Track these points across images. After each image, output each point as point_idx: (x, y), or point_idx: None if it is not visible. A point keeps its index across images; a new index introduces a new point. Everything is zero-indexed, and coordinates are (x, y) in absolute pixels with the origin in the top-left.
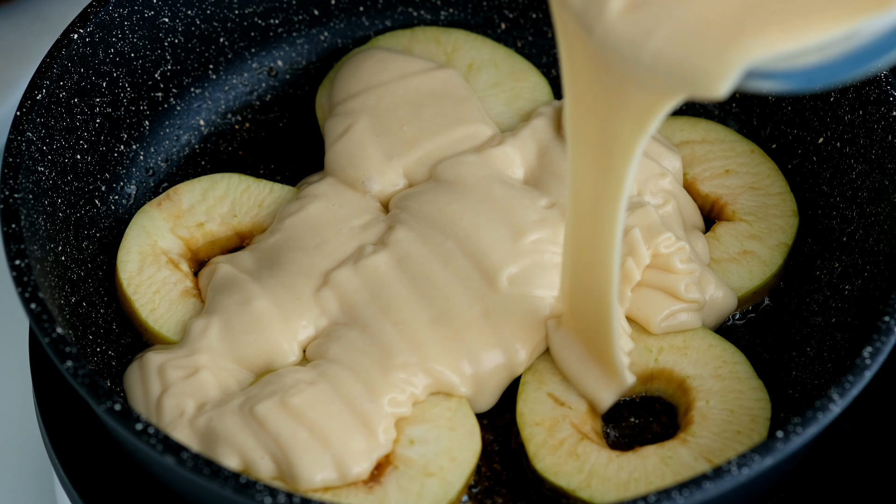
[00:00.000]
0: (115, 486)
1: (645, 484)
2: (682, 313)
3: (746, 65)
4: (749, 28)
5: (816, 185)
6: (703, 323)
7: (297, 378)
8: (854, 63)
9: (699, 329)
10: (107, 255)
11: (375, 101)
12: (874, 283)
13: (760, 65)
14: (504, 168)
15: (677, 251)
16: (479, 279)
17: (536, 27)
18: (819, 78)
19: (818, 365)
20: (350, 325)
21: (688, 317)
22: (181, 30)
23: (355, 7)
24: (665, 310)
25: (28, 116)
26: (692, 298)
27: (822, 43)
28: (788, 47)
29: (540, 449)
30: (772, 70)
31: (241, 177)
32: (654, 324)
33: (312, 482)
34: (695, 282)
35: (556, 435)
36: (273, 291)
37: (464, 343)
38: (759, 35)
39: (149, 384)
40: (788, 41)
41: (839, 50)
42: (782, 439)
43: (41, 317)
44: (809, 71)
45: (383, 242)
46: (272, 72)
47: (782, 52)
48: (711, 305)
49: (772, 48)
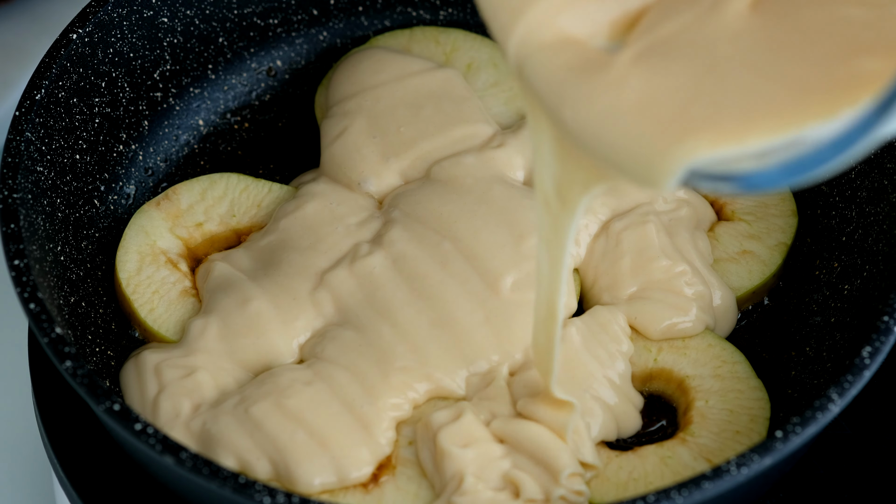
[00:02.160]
0: (114, 486)
1: (644, 484)
2: (684, 325)
3: (690, 165)
4: (693, 128)
5: (815, 185)
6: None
7: (293, 378)
8: (794, 171)
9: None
10: (106, 255)
11: (373, 102)
12: (873, 282)
13: (702, 166)
14: (505, 170)
15: (679, 275)
16: (479, 283)
17: None
18: (759, 183)
19: (817, 365)
20: (346, 326)
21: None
22: (180, 30)
23: (354, 7)
24: (666, 321)
25: (27, 116)
26: (698, 319)
27: (765, 148)
28: (731, 152)
29: None
30: (712, 172)
31: (239, 177)
32: (652, 332)
33: (311, 486)
34: (701, 307)
35: None
36: (271, 291)
37: (465, 348)
38: (703, 136)
39: (145, 383)
40: (732, 144)
41: (781, 157)
42: (781, 439)
43: (40, 317)
44: (749, 176)
45: (378, 242)
46: (271, 72)
47: (724, 156)
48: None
49: (715, 151)
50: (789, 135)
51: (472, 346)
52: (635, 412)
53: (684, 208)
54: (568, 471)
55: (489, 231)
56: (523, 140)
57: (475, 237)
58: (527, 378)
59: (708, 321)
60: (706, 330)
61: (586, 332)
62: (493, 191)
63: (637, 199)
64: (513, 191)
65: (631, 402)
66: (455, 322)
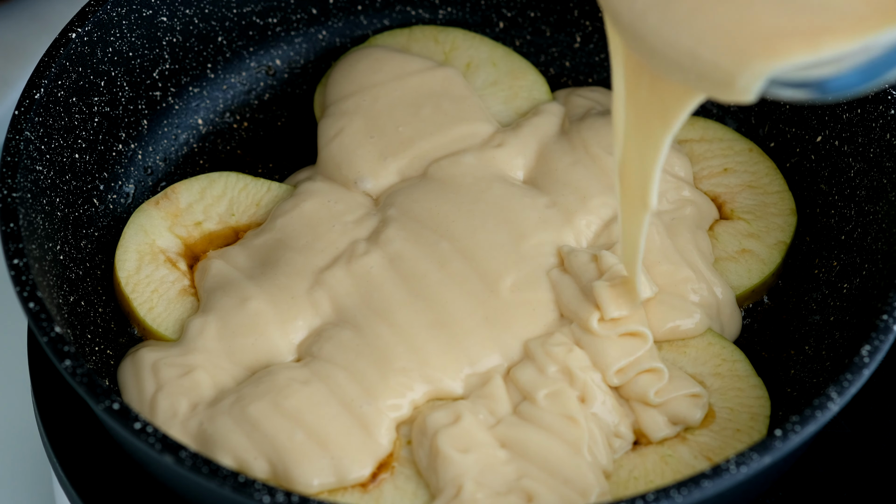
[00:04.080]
0: (113, 485)
1: (644, 482)
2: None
3: (771, 74)
4: (773, 35)
5: (815, 184)
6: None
7: (290, 377)
8: (869, 74)
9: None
10: (105, 254)
11: (371, 102)
12: (873, 281)
13: (781, 74)
14: (505, 169)
15: (683, 280)
16: (478, 283)
17: (534, 26)
18: (836, 87)
19: (817, 363)
20: (343, 326)
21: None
22: (179, 29)
23: (353, 6)
24: (670, 323)
25: (26, 115)
26: (702, 323)
27: (840, 54)
28: (808, 58)
29: None
30: (790, 79)
31: (238, 175)
32: (655, 333)
33: (309, 486)
34: (708, 314)
35: None
36: (269, 291)
37: (465, 350)
38: (782, 43)
39: (142, 382)
40: (811, 50)
41: (855, 62)
42: (781, 438)
43: (39, 316)
44: (826, 81)
45: (375, 241)
46: (270, 71)
47: (801, 63)
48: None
49: (793, 58)
50: (865, 40)
51: (473, 347)
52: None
53: (687, 207)
54: (597, 491)
55: (488, 231)
56: (523, 139)
57: (473, 237)
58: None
59: (713, 326)
60: (706, 328)
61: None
62: (493, 190)
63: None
64: (513, 189)
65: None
66: (454, 323)
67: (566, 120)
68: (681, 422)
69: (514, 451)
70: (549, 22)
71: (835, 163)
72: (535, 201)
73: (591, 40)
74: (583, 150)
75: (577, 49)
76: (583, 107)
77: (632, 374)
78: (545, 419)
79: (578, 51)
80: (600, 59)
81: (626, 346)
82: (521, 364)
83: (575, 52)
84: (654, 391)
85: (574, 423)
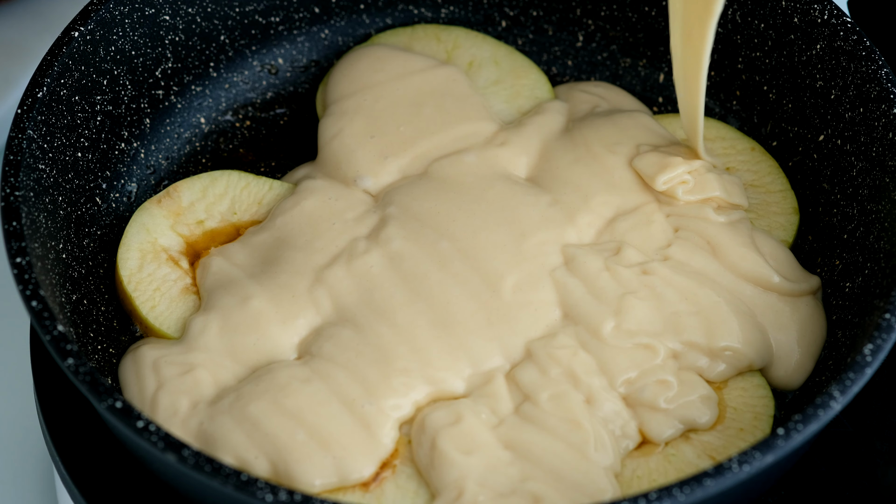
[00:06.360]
0: (115, 483)
1: (648, 481)
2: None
3: None
4: None
5: (817, 183)
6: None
7: (290, 375)
8: None
9: None
10: (107, 253)
11: (372, 101)
12: (875, 280)
13: None
14: (508, 167)
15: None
16: (480, 284)
17: (537, 25)
18: None
19: (819, 362)
20: (343, 325)
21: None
22: (182, 27)
23: (356, 5)
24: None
25: (29, 114)
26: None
27: None
28: None
29: None
30: None
31: (240, 174)
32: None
33: (311, 486)
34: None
35: None
36: (270, 289)
37: (466, 350)
38: None
39: (143, 379)
40: None
41: None
42: (783, 437)
43: (42, 314)
44: None
45: (375, 239)
46: (273, 70)
47: None
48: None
49: None
50: None
51: (475, 348)
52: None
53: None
54: (610, 495)
55: (489, 230)
56: (527, 137)
57: (474, 237)
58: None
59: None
60: None
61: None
62: (494, 189)
63: (640, 199)
64: (515, 188)
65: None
66: (456, 324)
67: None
68: (690, 424)
69: (517, 453)
70: (552, 21)
71: (837, 162)
72: (537, 199)
73: (594, 39)
74: (584, 149)
75: (579, 48)
76: (585, 102)
77: (640, 384)
78: (549, 422)
79: (581, 50)
80: (602, 57)
81: (637, 358)
82: (523, 365)
83: (577, 50)
84: (664, 399)
85: (578, 426)
